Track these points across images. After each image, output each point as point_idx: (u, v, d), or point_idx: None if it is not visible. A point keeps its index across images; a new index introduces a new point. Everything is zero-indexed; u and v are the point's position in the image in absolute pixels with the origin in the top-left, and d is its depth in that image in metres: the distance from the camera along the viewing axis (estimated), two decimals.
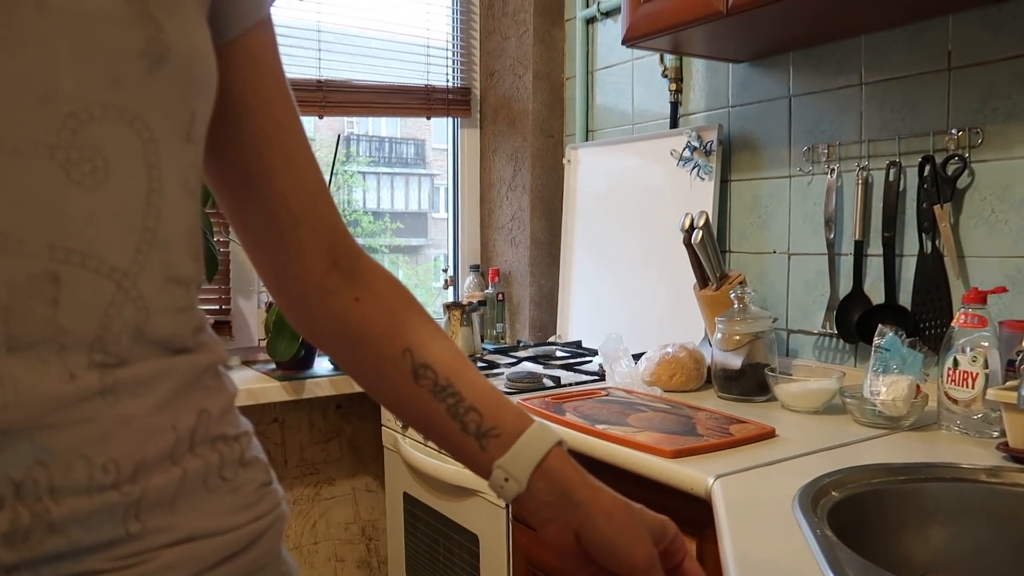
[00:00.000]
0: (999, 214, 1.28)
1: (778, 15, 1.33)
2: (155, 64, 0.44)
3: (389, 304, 0.61)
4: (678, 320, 1.73)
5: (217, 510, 0.48)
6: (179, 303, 0.48)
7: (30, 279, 0.39)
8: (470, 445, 0.59)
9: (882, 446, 1.12)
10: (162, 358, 0.46)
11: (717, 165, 1.71)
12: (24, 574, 0.39)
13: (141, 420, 0.44)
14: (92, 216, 0.41)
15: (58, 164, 0.40)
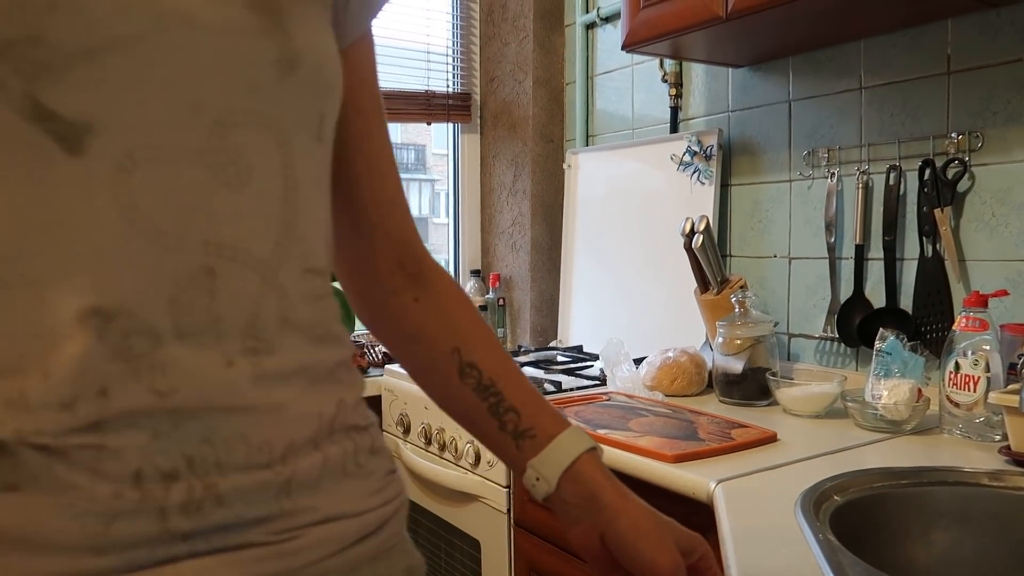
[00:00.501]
0: (999, 217, 1.28)
1: (778, 20, 1.33)
2: (287, 70, 0.48)
3: (444, 306, 0.65)
4: (679, 324, 1.73)
5: (353, 494, 0.52)
6: (317, 291, 0.51)
7: (190, 272, 0.44)
8: (507, 443, 0.63)
9: (884, 450, 1.12)
10: (305, 347, 0.50)
11: (717, 169, 1.71)
12: (197, 542, 0.43)
13: (289, 407, 0.48)
14: (238, 214, 0.45)
15: (207, 168, 0.44)
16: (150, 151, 0.42)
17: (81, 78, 0.40)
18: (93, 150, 0.41)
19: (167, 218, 0.43)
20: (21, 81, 0.39)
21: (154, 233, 0.43)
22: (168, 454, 0.42)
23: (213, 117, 0.44)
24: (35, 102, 0.40)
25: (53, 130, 0.40)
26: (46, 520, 0.40)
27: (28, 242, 0.41)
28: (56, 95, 0.40)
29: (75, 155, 0.41)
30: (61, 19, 0.40)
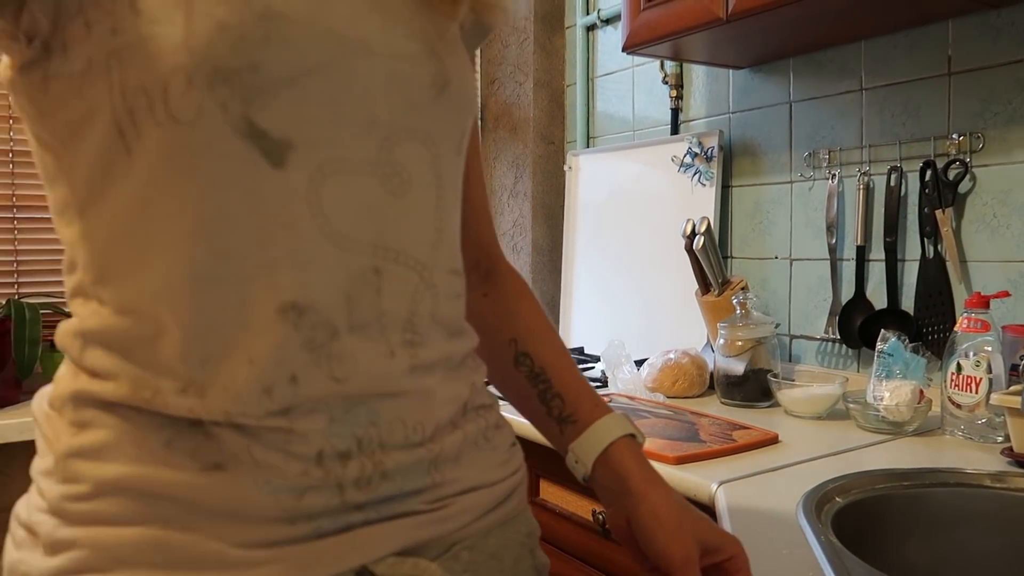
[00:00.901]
0: (1001, 218, 1.28)
1: (778, 21, 1.33)
2: (440, 91, 0.54)
3: (508, 301, 0.71)
4: (680, 326, 1.73)
5: (486, 465, 0.59)
6: (457, 290, 0.58)
7: (361, 271, 0.49)
8: (553, 427, 0.69)
9: (886, 451, 1.12)
10: (446, 340, 0.56)
11: (718, 171, 1.71)
12: (369, 511, 0.50)
13: (436, 392, 0.54)
14: (400, 220, 0.51)
15: (378, 178, 0.50)
16: (335, 164, 0.49)
17: (285, 101, 0.46)
18: (292, 163, 0.47)
19: (347, 223, 0.49)
20: (239, 104, 0.45)
21: (337, 236, 0.49)
22: (342, 436, 0.49)
23: (383, 133, 0.51)
24: (250, 122, 0.46)
25: (262, 146, 0.46)
26: (248, 495, 0.46)
27: (238, 244, 0.46)
28: (266, 115, 0.46)
29: (278, 168, 0.47)
30: (273, 50, 0.46)
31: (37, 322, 1.57)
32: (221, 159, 0.46)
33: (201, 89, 0.44)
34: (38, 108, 0.48)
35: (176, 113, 0.45)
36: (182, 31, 0.44)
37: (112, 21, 0.44)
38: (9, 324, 1.54)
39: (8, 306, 1.57)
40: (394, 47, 0.52)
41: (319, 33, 0.48)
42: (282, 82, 0.46)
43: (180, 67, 0.44)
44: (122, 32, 0.44)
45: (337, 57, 0.48)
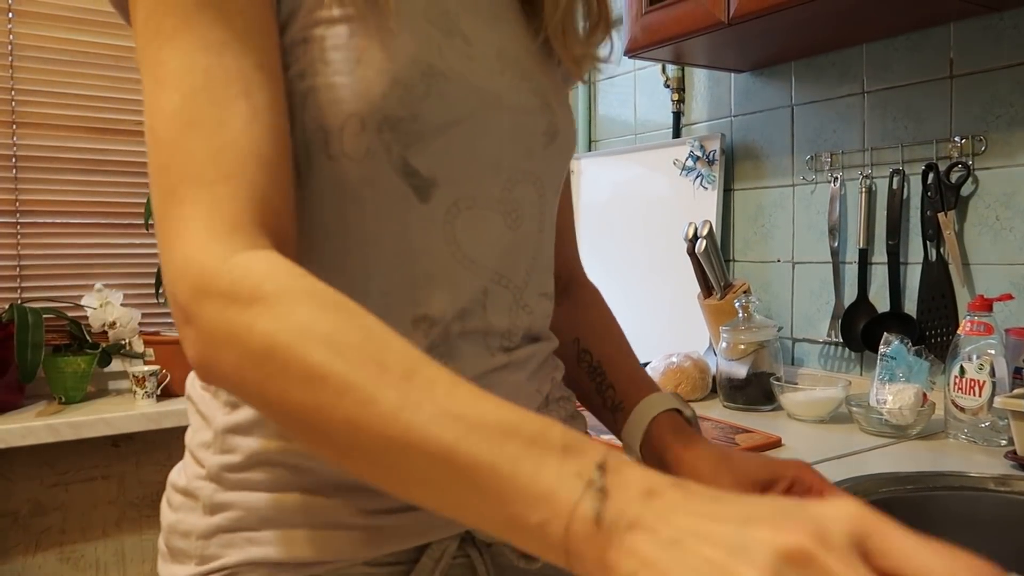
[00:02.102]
0: (1004, 221, 1.28)
1: (779, 25, 1.33)
2: (551, 140, 0.62)
3: (578, 308, 0.78)
4: (682, 330, 1.73)
5: None
6: (547, 312, 0.66)
7: (475, 291, 0.58)
8: (608, 417, 0.72)
9: (889, 455, 1.11)
10: (532, 345, 0.63)
11: (720, 174, 1.71)
12: None
13: (523, 386, 0.62)
14: (511, 250, 0.60)
15: (500, 214, 0.59)
16: (468, 200, 0.57)
17: (436, 146, 0.54)
18: (435, 199, 0.55)
19: (474, 251, 0.57)
20: (400, 147, 0.53)
21: (466, 262, 0.57)
22: None
23: (506, 176, 0.59)
24: (406, 162, 0.53)
25: (413, 183, 0.54)
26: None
27: (386, 263, 0.54)
28: (419, 158, 0.54)
29: (424, 202, 0.54)
30: (431, 103, 0.53)
31: (40, 326, 1.57)
32: (380, 192, 0.54)
33: (371, 132, 0.52)
34: None
35: (349, 151, 0.52)
36: (361, 83, 0.51)
37: (301, 67, 0.51)
38: (12, 328, 1.55)
39: (11, 310, 1.57)
40: (520, 101, 0.60)
41: (467, 89, 0.56)
42: (435, 130, 0.54)
43: (356, 113, 0.51)
44: (310, 77, 0.51)
45: (478, 110, 0.57)
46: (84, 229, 1.80)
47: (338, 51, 0.51)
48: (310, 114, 0.52)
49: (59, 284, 1.77)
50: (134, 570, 1.80)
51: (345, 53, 0.51)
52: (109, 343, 1.70)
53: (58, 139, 1.76)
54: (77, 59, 1.77)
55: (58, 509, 1.73)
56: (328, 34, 0.51)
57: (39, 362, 1.56)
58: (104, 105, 1.80)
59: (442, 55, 0.55)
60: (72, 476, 1.74)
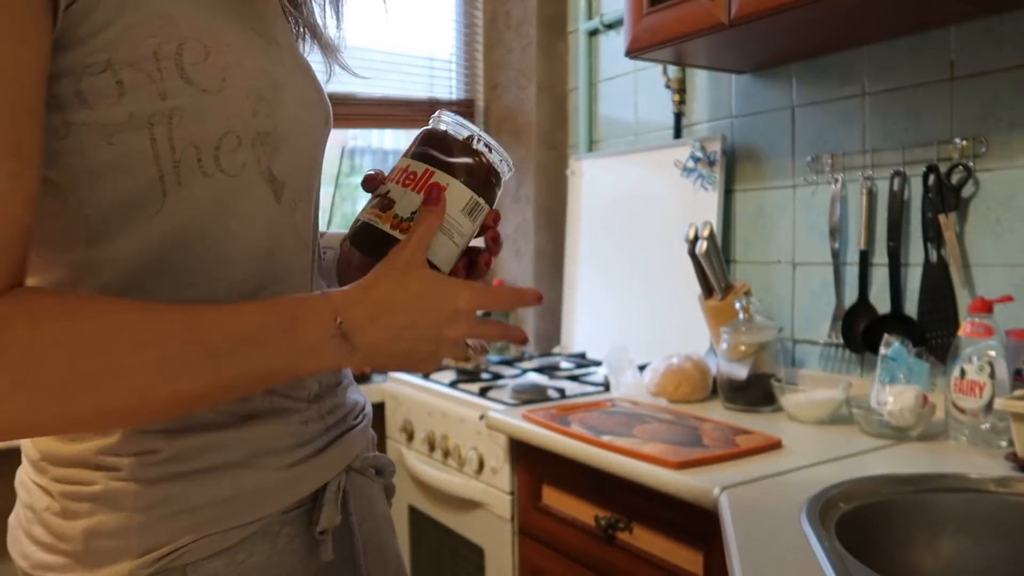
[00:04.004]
0: (1004, 223, 1.28)
1: (780, 26, 1.33)
2: (327, 126, 0.69)
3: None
4: (683, 330, 1.73)
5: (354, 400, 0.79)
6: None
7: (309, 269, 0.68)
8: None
9: (889, 457, 1.11)
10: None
11: (721, 175, 1.71)
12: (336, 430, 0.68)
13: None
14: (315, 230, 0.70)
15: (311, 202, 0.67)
16: (299, 194, 0.63)
17: (284, 151, 0.60)
18: (284, 199, 0.61)
19: (307, 238, 0.65)
20: (267, 158, 0.59)
21: (305, 249, 0.64)
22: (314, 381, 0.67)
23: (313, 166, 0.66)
24: (270, 171, 0.59)
25: (273, 188, 0.60)
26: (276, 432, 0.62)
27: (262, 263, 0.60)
28: (276, 165, 0.59)
29: (278, 203, 0.61)
30: (282, 113, 0.59)
31: None
32: (250, 200, 0.58)
33: (247, 149, 0.57)
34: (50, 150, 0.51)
35: (226, 168, 0.56)
36: (230, 101, 0.54)
37: (159, 87, 0.52)
38: None
39: None
40: (310, 97, 0.65)
41: (295, 95, 0.61)
42: (284, 137, 0.60)
43: (231, 131, 0.55)
44: (173, 96, 0.52)
45: (302, 111, 0.62)
46: None
47: (198, 69, 0.52)
48: (178, 133, 0.53)
49: None
50: None
51: (206, 71, 0.53)
52: None
53: None
54: None
55: None
56: (184, 51, 0.52)
57: None
58: None
59: (276, 65, 0.60)
60: None
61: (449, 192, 0.62)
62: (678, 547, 1.10)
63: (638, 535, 1.17)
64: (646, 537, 1.15)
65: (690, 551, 1.08)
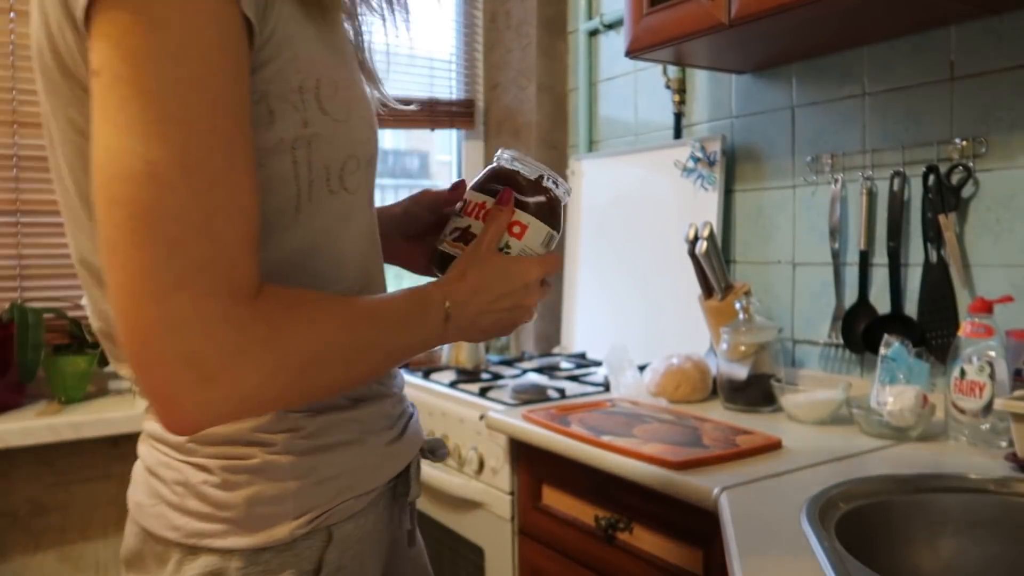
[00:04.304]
0: (1004, 223, 1.28)
1: (780, 26, 1.33)
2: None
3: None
4: (683, 331, 1.73)
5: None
6: None
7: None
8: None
9: (889, 457, 1.11)
10: None
11: (721, 175, 1.71)
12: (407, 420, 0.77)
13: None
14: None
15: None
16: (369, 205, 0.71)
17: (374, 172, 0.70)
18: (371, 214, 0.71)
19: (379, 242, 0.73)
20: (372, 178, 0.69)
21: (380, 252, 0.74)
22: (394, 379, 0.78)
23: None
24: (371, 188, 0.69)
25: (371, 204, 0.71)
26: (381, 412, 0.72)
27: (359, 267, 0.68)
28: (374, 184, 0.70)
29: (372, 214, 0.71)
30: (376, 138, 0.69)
31: (40, 326, 1.57)
32: (361, 214, 0.67)
33: (363, 170, 0.66)
34: None
35: (348, 187, 0.64)
36: (354, 130, 0.63)
37: (302, 116, 0.59)
38: (12, 328, 1.55)
39: (12, 310, 1.57)
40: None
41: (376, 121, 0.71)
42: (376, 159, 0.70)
43: (354, 155, 0.64)
44: (312, 125, 0.59)
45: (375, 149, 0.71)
46: None
47: (331, 102, 0.60)
48: (314, 156, 0.60)
49: (60, 284, 1.77)
50: None
51: (337, 104, 0.61)
52: None
53: None
54: None
55: (58, 509, 1.73)
56: (320, 86, 0.60)
57: (39, 362, 1.57)
58: None
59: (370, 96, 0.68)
60: (72, 476, 1.74)
61: (529, 230, 0.72)
62: (678, 547, 1.10)
63: (638, 535, 1.17)
64: (646, 537, 1.15)
65: (690, 551, 1.08)
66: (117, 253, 0.48)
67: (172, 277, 0.48)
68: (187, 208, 0.48)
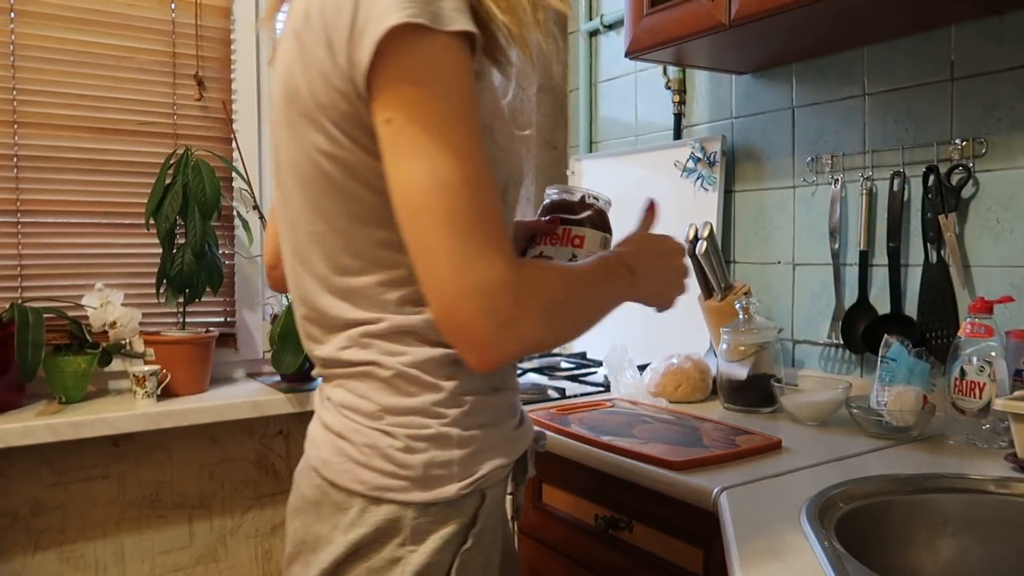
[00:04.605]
0: (1004, 223, 1.28)
1: (780, 27, 1.33)
2: None
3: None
4: (683, 331, 1.73)
5: None
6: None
7: None
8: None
9: (889, 457, 1.11)
10: None
11: (721, 176, 1.71)
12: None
13: None
14: None
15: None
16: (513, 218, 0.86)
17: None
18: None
19: None
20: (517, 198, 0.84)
21: None
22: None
23: None
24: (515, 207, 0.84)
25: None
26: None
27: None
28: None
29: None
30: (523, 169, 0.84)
31: (40, 326, 1.57)
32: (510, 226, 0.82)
33: (515, 190, 0.81)
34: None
35: (507, 201, 0.79)
36: (513, 158, 0.80)
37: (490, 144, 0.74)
38: (12, 328, 1.55)
39: (12, 310, 1.57)
40: None
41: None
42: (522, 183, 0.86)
43: (512, 178, 0.80)
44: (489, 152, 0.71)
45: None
46: (85, 229, 1.80)
47: (500, 136, 0.77)
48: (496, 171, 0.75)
49: (60, 284, 1.77)
50: (134, 570, 1.80)
51: (504, 138, 0.78)
52: (109, 343, 1.70)
53: (59, 139, 1.76)
54: (78, 59, 1.77)
55: (58, 509, 1.73)
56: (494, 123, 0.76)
57: (39, 362, 1.56)
58: (105, 105, 1.80)
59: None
60: (72, 476, 1.74)
61: (587, 238, 0.93)
62: (678, 547, 1.10)
63: (638, 535, 1.17)
64: (646, 537, 1.15)
65: (690, 551, 1.08)
66: (428, 245, 0.66)
67: (470, 255, 0.65)
68: (470, 207, 0.66)
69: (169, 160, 1.73)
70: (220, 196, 1.72)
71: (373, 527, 0.73)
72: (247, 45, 1.96)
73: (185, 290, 1.73)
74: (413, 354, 0.75)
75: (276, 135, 0.80)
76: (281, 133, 0.78)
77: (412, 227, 0.68)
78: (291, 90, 0.75)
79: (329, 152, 0.73)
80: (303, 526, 0.79)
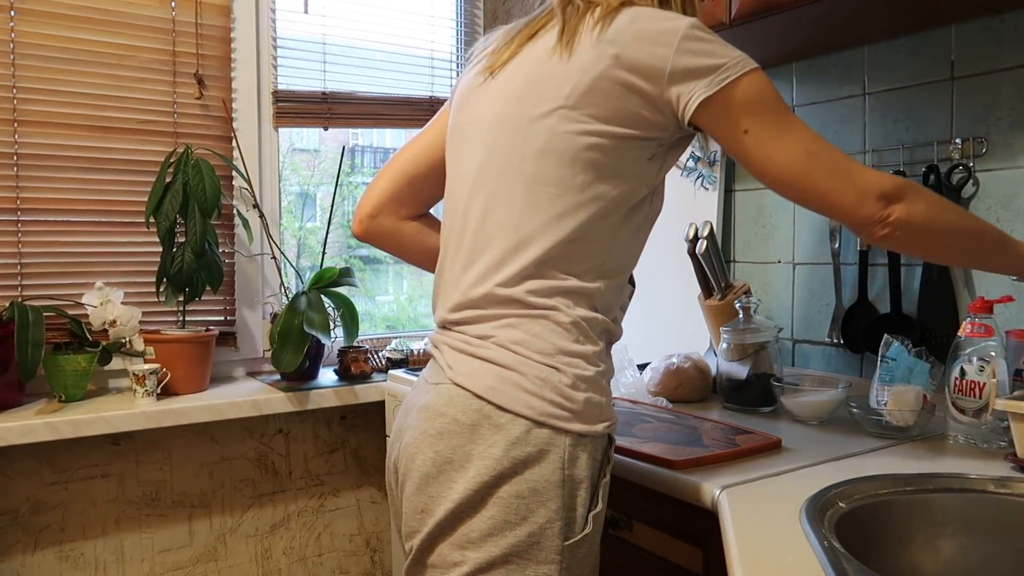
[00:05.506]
0: (1005, 223, 1.28)
1: (781, 26, 1.33)
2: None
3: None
4: (683, 330, 1.73)
5: None
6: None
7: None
8: None
9: (889, 457, 1.11)
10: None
11: (721, 175, 1.71)
12: None
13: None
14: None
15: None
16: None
17: None
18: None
19: None
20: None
21: None
22: None
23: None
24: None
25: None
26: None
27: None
28: None
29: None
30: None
31: (40, 324, 1.57)
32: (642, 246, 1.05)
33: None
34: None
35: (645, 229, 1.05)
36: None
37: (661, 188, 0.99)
38: (12, 326, 1.55)
39: (12, 308, 1.57)
40: None
41: None
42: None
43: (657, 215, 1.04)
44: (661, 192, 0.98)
45: None
46: (85, 227, 1.80)
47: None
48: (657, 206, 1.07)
49: (60, 282, 1.77)
50: (133, 568, 1.80)
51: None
52: (109, 341, 1.70)
53: (59, 137, 1.76)
54: (79, 57, 1.77)
55: (58, 507, 1.73)
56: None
57: (39, 360, 1.56)
58: (105, 103, 1.80)
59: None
60: (72, 474, 1.74)
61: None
62: (678, 546, 1.10)
63: (638, 534, 1.17)
64: (646, 536, 1.15)
65: (690, 550, 1.08)
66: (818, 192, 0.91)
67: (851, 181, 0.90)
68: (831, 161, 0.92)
69: (169, 159, 1.73)
70: (220, 195, 1.72)
71: (536, 447, 0.85)
72: (247, 43, 1.95)
73: (185, 289, 1.73)
74: (583, 312, 0.91)
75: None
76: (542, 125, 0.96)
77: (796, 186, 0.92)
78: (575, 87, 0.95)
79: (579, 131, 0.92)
80: (449, 447, 0.87)
